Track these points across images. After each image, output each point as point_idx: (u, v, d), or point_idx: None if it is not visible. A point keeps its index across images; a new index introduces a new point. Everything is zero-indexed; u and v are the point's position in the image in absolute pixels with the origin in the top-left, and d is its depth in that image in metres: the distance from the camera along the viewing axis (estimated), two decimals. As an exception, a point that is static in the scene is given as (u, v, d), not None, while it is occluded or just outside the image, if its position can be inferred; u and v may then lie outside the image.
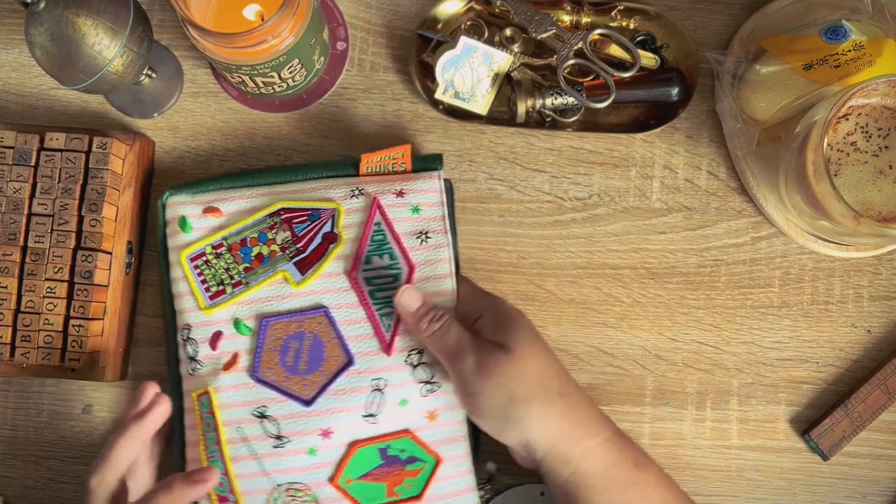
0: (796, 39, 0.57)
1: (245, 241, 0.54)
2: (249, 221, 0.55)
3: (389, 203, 0.54)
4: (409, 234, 0.54)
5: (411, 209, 0.54)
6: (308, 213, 0.54)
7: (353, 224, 0.54)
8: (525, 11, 0.59)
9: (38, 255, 0.55)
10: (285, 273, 0.53)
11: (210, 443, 0.52)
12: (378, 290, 0.53)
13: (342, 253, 0.54)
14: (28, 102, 0.61)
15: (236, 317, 0.53)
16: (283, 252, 0.54)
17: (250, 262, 0.54)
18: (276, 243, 0.54)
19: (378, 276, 0.53)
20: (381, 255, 0.53)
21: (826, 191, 0.51)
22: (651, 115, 0.61)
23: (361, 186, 0.55)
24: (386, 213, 0.54)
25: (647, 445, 0.59)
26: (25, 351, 0.55)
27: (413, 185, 0.55)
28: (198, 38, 0.51)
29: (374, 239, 0.54)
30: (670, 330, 0.60)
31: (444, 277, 0.54)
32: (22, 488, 0.59)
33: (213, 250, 0.54)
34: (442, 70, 0.58)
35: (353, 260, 0.53)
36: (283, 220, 0.54)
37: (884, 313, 0.60)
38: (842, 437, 0.58)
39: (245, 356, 0.53)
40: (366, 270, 0.53)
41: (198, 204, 0.55)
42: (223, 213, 0.55)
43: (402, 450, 0.52)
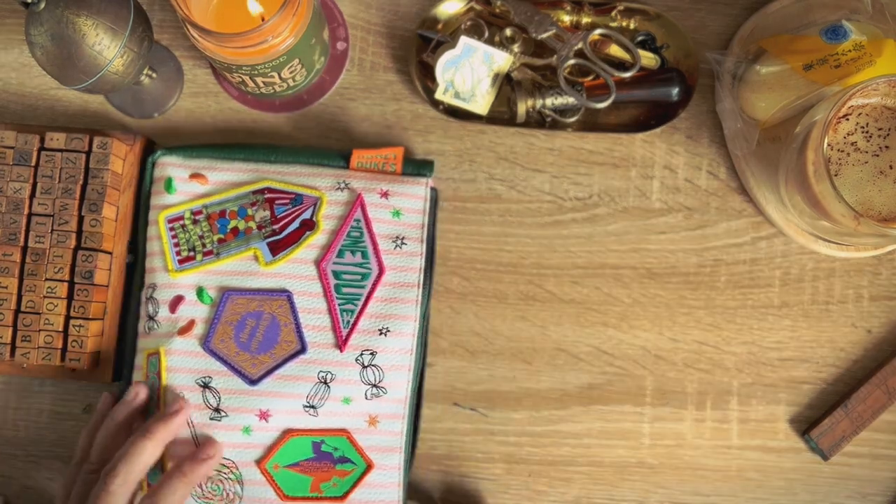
0: (796, 39, 0.57)
1: (224, 213, 0.55)
2: (233, 194, 0.55)
3: (372, 202, 0.55)
4: (386, 237, 0.54)
5: (392, 212, 0.55)
6: (292, 196, 0.55)
7: (333, 216, 0.54)
8: (525, 11, 0.59)
9: (38, 255, 0.55)
10: (257, 251, 0.54)
11: (151, 403, 0.53)
12: (344, 285, 0.54)
13: (317, 242, 0.54)
14: (28, 102, 0.61)
15: (201, 285, 0.54)
16: (259, 230, 0.54)
17: (225, 234, 0.54)
18: (254, 220, 0.54)
19: (347, 271, 0.54)
20: (354, 252, 0.54)
21: (826, 191, 0.51)
22: (651, 115, 0.61)
23: (348, 180, 0.55)
24: (367, 212, 0.54)
25: (647, 445, 0.59)
26: (25, 351, 0.55)
27: (399, 188, 0.55)
28: (198, 38, 0.51)
29: (350, 234, 0.54)
30: (670, 330, 0.60)
31: (412, 287, 0.54)
32: (22, 488, 0.59)
33: (191, 216, 0.55)
34: (442, 70, 0.58)
35: (326, 251, 0.54)
36: (265, 198, 0.55)
37: (884, 313, 0.60)
38: (842, 437, 0.58)
39: (201, 324, 0.53)
40: (336, 263, 0.54)
41: (186, 168, 0.56)
42: (209, 181, 0.55)
43: (335, 448, 0.53)
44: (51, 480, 0.59)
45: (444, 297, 0.60)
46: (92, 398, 0.59)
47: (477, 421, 0.59)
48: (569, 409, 0.59)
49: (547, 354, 0.59)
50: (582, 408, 0.59)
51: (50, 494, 0.59)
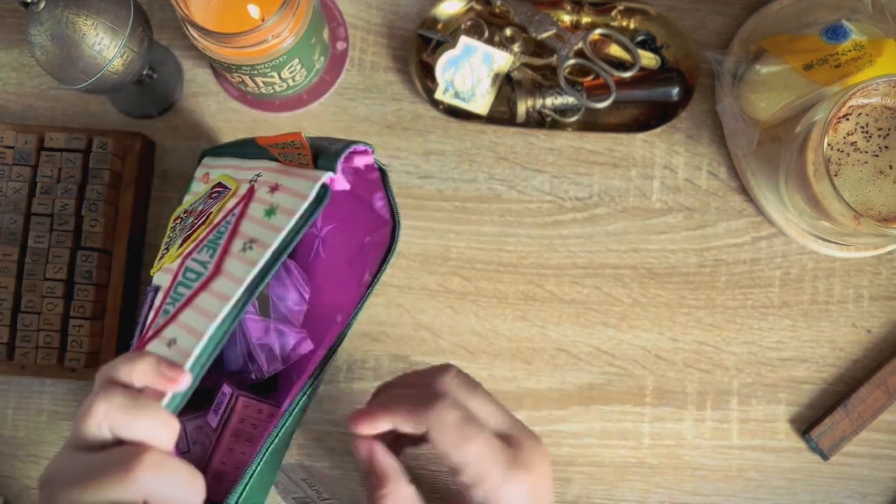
0: (796, 39, 0.57)
1: (192, 210, 0.51)
2: (204, 192, 0.51)
3: (259, 197, 0.45)
4: (242, 237, 0.44)
5: (266, 210, 0.44)
6: (222, 189, 0.49)
7: (226, 209, 0.46)
8: (525, 11, 0.59)
9: (38, 255, 0.55)
10: (175, 246, 0.48)
11: None
12: (182, 284, 0.44)
13: (199, 235, 0.46)
14: (28, 102, 0.61)
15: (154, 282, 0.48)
16: (189, 225, 0.49)
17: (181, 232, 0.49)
18: (194, 216, 0.49)
19: (193, 269, 0.44)
20: (209, 248, 0.45)
21: (826, 191, 0.51)
22: (651, 115, 0.61)
23: (262, 173, 0.47)
24: (247, 208, 0.45)
25: (647, 445, 0.59)
26: (25, 351, 0.55)
27: (290, 183, 0.44)
28: (198, 37, 0.51)
29: (219, 229, 0.45)
30: (670, 330, 0.60)
31: (223, 299, 0.41)
32: (22, 488, 0.59)
33: (183, 215, 0.51)
34: (442, 70, 0.58)
35: (196, 244, 0.46)
36: (209, 194, 0.50)
37: (884, 313, 0.60)
38: (842, 437, 0.58)
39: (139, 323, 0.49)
40: (193, 260, 0.45)
41: (205, 167, 0.54)
42: (210, 178, 0.52)
43: None
44: (51, 480, 0.59)
45: (444, 297, 0.59)
46: (92, 398, 0.59)
47: None
48: (569, 409, 0.59)
49: (547, 354, 0.59)
50: (582, 408, 0.59)
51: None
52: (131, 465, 0.36)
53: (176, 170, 0.61)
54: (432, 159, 0.60)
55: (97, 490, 0.36)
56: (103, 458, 0.37)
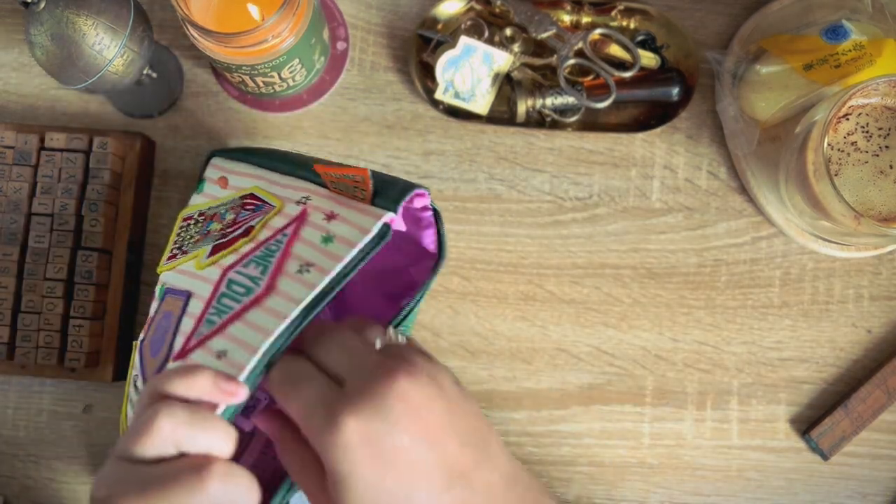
0: (796, 39, 0.57)
1: (214, 215, 0.51)
2: (228, 199, 0.51)
3: (314, 221, 0.46)
4: (298, 259, 0.44)
5: (323, 238, 0.45)
6: (258, 203, 0.49)
7: (272, 227, 0.47)
8: (525, 11, 0.59)
9: (38, 255, 0.55)
10: (202, 252, 0.49)
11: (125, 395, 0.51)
12: (227, 296, 0.45)
13: (242, 249, 0.47)
14: (28, 102, 0.61)
15: (164, 282, 0.50)
16: (219, 232, 0.50)
17: (202, 235, 0.50)
18: (223, 223, 0.50)
19: (240, 282, 0.45)
20: (259, 265, 0.45)
21: (826, 191, 0.51)
22: (651, 115, 0.61)
23: (311, 196, 0.48)
24: (300, 230, 0.46)
25: (647, 445, 0.59)
26: (25, 351, 0.55)
27: (350, 215, 0.45)
28: (198, 37, 0.51)
29: (269, 247, 0.46)
30: (670, 330, 0.60)
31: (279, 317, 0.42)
32: (22, 488, 0.59)
33: (199, 217, 0.52)
34: (442, 70, 0.58)
35: (240, 257, 0.46)
36: (242, 204, 0.50)
37: (884, 313, 0.60)
38: (842, 437, 0.58)
39: (148, 323, 0.50)
40: (237, 272, 0.46)
41: (220, 170, 0.54)
42: (228, 185, 0.53)
43: None
44: (51, 480, 0.59)
45: (443, 297, 0.59)
46: (91, 398, 0.59)
47: None
48: (569, 409, 0.59)
49: (547, 354, 0.59)
50: (582, 408, 0.59)
51: (50, 494, 0.59)
52: (203, 475, 0.36)
53: (176, 170, 0.61)
54: (432, 159, 0.60)
55: (167, 501, 0.36)
56: (170, 470, 0.37)
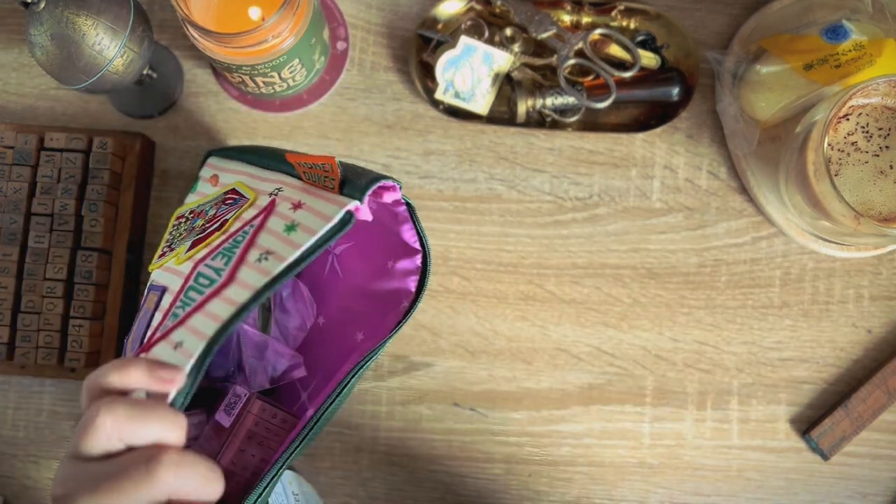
0: (796, 39, 0.57)
1: (201, 212, 0.51)
2: (216, 196, 0.51)
3: (280, 211, 0.46)
4: (259, 249, 0.44)
5: (287, 226, 0.44)
6: (235, 198, 0.49)
7: (244, 219, 0.47)
8: (525, 11, 0.59)
9: (38, 255, 0.55)
10: (183, 248, 0.49)
11: None
12: (193, 288, 0.45)
13: (214, 242, 0.47)
14: (28, 102, 0.61)
15: (153, 280, 0.50)
16: (200, 228, 0.49)
17: (188, 232, 0.50)
18: (205, 218, 0.50)
19: (206, 275, 0.45)
20: (224, 256, 0.45)
21: (827, 191, 0.51)
22: (651, 115, 0.61)
23: (283, 188, 0.48)
24: (266, 221, 0.45)
25: (647, 445, 0.59)
26: (25, 351, 0.55)
27: (315, 204, 0.45)
28: (198, 38, 0.51)
29: (236, 238, 0.46)
30: (671, 330, 0.60)
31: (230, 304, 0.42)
32: (22, 488, 0.59)
33: (188, 215, 0.52)
34: (442, 70, 0.58)
35: (210, 251, 0.46)
36: (223, 199, 0.50)
37: (884, 313, 0.60)
38: (842, 437, 0.58)
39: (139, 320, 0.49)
40: (206, 266, 0.46)
41: (213, 168, 0.54)
42: (219, 182, 0.53)
43: None
44: (51, 480, 0.59)
45: (444, 297, 0.59)
46: (92, 398, 0.59)
47: (477, 421, 0.59)
48: (569, 409, 0.59)
49: (547, 354, 0.59)
50: (582, 408, 0.59)
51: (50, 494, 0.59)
52: (152, 467, 0.35)
53: (176, 170, 0.61)
54: (432, 159, 0.60)
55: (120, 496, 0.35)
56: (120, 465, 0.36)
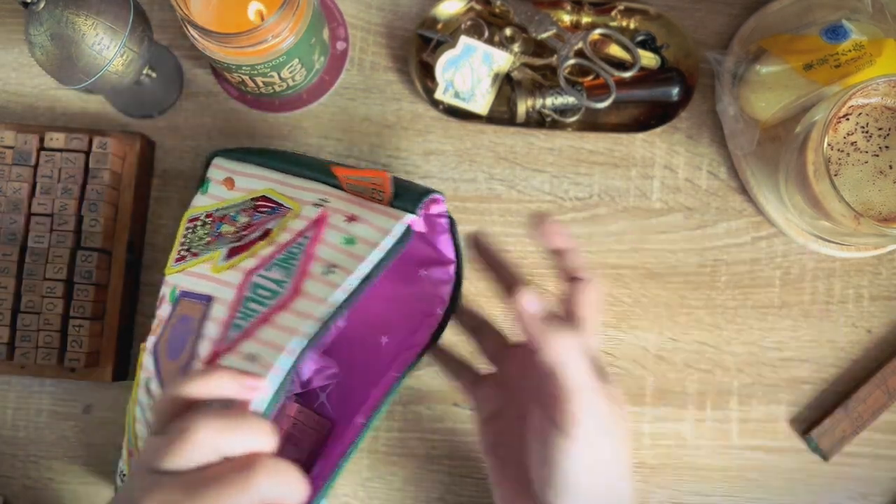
0: (796, 39, 0.57)
1: (224, 217, 0.52)
2: (239, 201, 0.52)
3: (334, 224, 0.47)
4: (322, 262, 0.45)
5: (346, 239, 0.46)
6: (273, 206, 0.50)
7: (291, 229, 0.48)
8: (525, 11, 0.59)
9: (38, 255, 0.55)
10: (217, 255, 0.49)
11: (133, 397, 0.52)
12: (253, 300, 0.46)
13: (262, 252, 0.48)
14: (28, 102, 0.61)
15: (176, 285, 0.50)
16: (233, 235, 0.50)
17: (213, 237, 0.51)
18: (236, 225, 0.51)
19: (265, 286, 0.46)
20: (281, 268, 0.46)
21: (826, 191, 0.51)
22: (651, 115, 0.61)
23: (329, 199, 0.48)
24: (321, 232, 0.46)
25: (647, 445, 0.59)
26: (25, 351, 0.55)
27: (370, 217, 0.46)
28: (198, 37, 0.51)
29: (290, 250, 0.47)
30: (671, 330, 0.60)
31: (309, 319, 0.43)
32: (22, 488, 0.59)
33: (206, 218, 0.52)
34: (442, 70, 0.58)
35: (262, 261, 0.47)
36: (254, 206, 0.51)
37: (884, 313, 0.60)
38: (842, 437, 0.58)
39: (162, 325, 0.50)
40: (261, 276, 0.47)
41: (224, 170, 0.54)
42: (235, 186, 0.53)
43: None
44: (51, 480, 0.59)
45: (444, 297, 0.59)
46: (91, 398, 0.59)
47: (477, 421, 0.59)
48: (569, 409, 0.59)
49: (547, 354, 0.59)
50: (582, 408, 0.59)
51: (50, 494, 0.59)
52: (250, 474, 0.36)
53: (176, 170, 0.61)
54: (432, 159, 0.60)
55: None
56: (217, 474, 0.36)
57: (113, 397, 0.59)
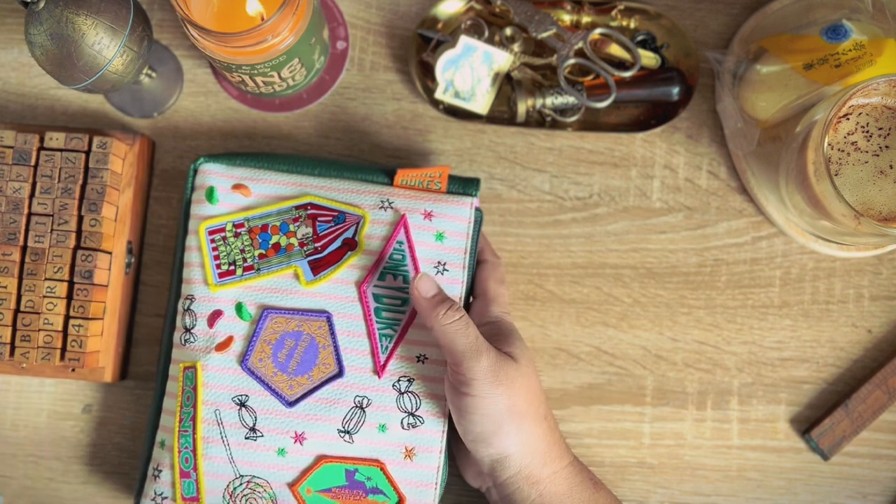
0: (797, 39, 0.57)
1: (266, 227, 0.53)
2: (275, 208, 0.54)
3: (416, 224, 0.53)
4: (428, 262, 0.53)
5: (436, 236, 0.53)
6: (335, 214, 0.53)
7: (376, 236, 0.53)
8: (525, 11, 0.59)
9: (38, 255, 0.55)
10: (297, 269, 0.53)
11: (186, 417, 0.52)
12: (384, 309, 0.53)
13: (358, 262, 0.53)
14: (28, 102, 0.61)
15: (240, 300, 0.53)
16: (300, 247, 0.53)
17: (266, 250, 0.53)
18: (296, 237, 0.53)
19: (388, 295, 0.53)
20: (396, 276, 0.53)
21: (827, 190, 0.50)
22: (651, 114, 0.61)
23: (391, 199, 0.54)
24: (410, 234, 0.53)
25: (647, 445, 0.59)
26: (25, 351, 0.55)
27: (443, 209, 0.54)
28: (198, 37, 0.51)
29: (392, 257, 0.53)
30: (671, 330, 0.60)
31: None
32: (22, 488, 0.59)
33: (233, 228, 0.54)
34: (442, 70, 0.58)
35: (368, 272, 0.53)
36: (308, 215, 0.53)
37: (884, 313, 0.60)
38: (842, 437, 0.58)
39: (239, 341, 0.52)
40: (377, 286, 0.53)
41: (229, 177, 0.55)
42: (252, 192, 0.54)
43: (368, 477, 0.51)
44: (51, 480, 0.59)
45: (444, 297, 0.59)
46: (91, 398, 0.59)
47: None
48: (569, 409, 0.59)
49: (547, 354, 0.59)
50: (582, 408, 0.59)
51: (50, 494, 0.59)
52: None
53: (176, 170, 0.61)
54: (432, 159, 0.60)
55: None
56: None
57: (113, 397, 0.59)
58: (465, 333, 0.48)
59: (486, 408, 0.47)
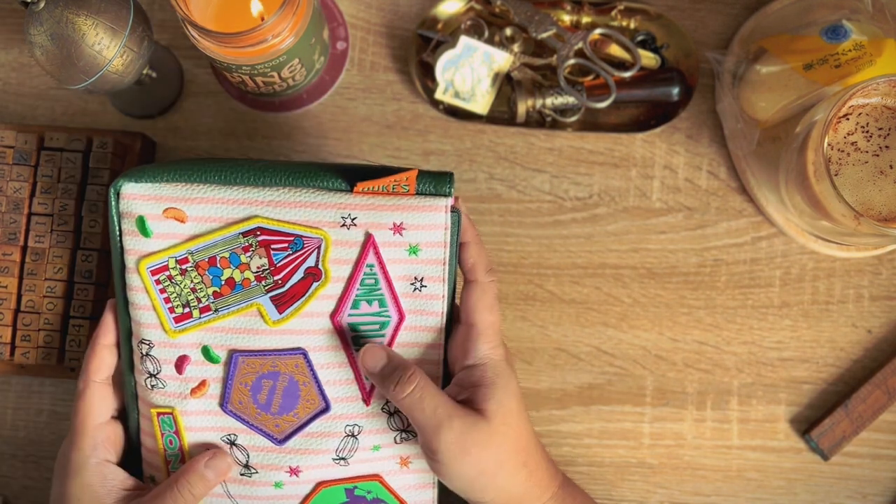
0: (796, 39, 0.57)
1: (214, 260, 0.47)
2: (219, 237, 0.47)
3: (385, 240, 0.47)
4: (403, 279, 0.48)
5: (409, 250, 0.48)
6: (290, 239, 0.47)
7: (342, 260, 0.48)
8: (525, 11, 0.59)
9: (38, 255, 0.55)
10: (260, 307, 0.48)
11: (174, 459, 0.50)
12: (362, 336, 0.48)
13: (327, 293, 0.48)
14: (28, 102, 0.61)
15: (204, 343, 0.48)
16: (258, 282, 0.47)
17: (220, 287, 0.48)
18: (250, 269, 0.47)
19: (364, 322, 0.48)
20: (371, 301, 0.48)
21: (827, 191, 0.50)
22: (651, 115, 0.61)
23: (353, 213, 0.47)
24: (380, 254, 0.48)
25: (647, 445, 0.59)
26: (25, 350, 0.55)
27: (415, 218, 0.47)
28: (198, 37, 0.51)
29: (364, 282, 0.48)
30: (671, 330, 0.60)
31: (434, 330, 0.49)
32: (22, 488, 0.59)
33: (176, 265, 0.48)
34: (442, 70, 0.58)
35: (340, 303, 0.48)
36: (259, 242, 0.47)
37: (884, 313, 0.60)
38: (842, 437, 0.58)
39: (214, 384, 0.49)
40: (352, 315, 0.48)
41: (157, 200, 0.47)
42: (188, 217, 0.47)
43: (368, 491, 0.50)
44: (50, 480, 0.59)
45: (444, 297, 0.59)
46: (92, 398, 0.59)
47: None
48: (569, 409, 0.59)
49: (547, 354, 0.59)
50: (582, 408, 0.59)
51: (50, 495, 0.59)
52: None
53: (176, 170, 0.61)
54: (432, 159, 0.60)
55: None
56: None
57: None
58: (421, 407, 0.45)
59: (454, 473, 0.46)
